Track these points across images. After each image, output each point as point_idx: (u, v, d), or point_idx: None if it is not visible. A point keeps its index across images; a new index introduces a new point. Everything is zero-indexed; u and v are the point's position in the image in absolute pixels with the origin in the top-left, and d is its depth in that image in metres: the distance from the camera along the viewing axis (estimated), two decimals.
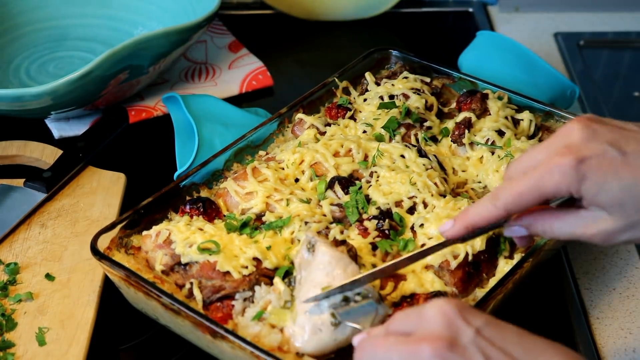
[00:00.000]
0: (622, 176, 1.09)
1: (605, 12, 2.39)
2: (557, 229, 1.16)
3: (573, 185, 1.09)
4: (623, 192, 1.09)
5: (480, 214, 1.17)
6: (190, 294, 1.33)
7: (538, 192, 1.11)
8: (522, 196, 1.12)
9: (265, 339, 1.25)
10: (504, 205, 1.14)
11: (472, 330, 1.01)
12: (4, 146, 1.75)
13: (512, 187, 1.13)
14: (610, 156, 1.09)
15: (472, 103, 1.67)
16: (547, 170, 1.10)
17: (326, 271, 1.24)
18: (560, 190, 1.10)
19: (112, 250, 1.40)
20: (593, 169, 1.09)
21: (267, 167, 1.51)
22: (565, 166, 1.09)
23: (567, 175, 1.09)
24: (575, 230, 1.15)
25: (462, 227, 1.19)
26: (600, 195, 1.10)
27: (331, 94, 1.77)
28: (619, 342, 1.46)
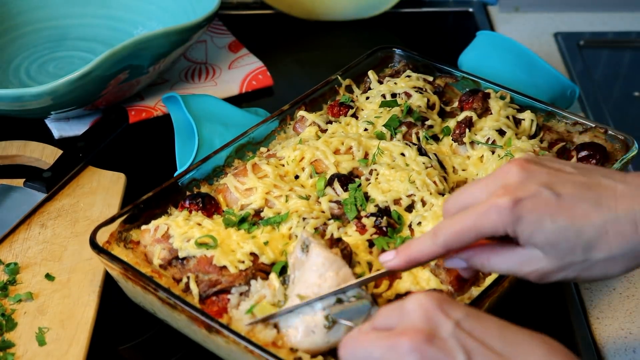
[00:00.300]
0: (556, 218, 1.11)
1: (605, 12, 2.39)
2: (495, 264, 1.18)
3: (509, 225, 1.11)
4: (557, 234, 1.11)
5: (421, 250, 1.18)
6: (187, 288, 1.34)
7: (476, 231, 1.13)
8: (461, 235, 1.14)
9: (259, 334, 1.26)
10: (444, 242, 1.16)
11: (452, 323, 1.01)
12: (4, 146, 1.75)
13: (451, 225, 1.15)
14: (545, 198, 1.11)
15: (474, 102, 1.68)
16: (485, 211, 1.12)
17: (319, 273, 1.25)
18: (497, 230, 1.12)
19: (112, 244, 1.40)
20: (528, 210, 1.11)
21: (267, 163, 1.52)
22: (501, 207, 1.11)
23: (503, 216, 1.11)
24: (511, 267, 1.17)
25: (404, 261, 1.20)
26: (534, 236, 1.12)
27: (334, 92, 1.77)
28: (619, 342, 1.46)
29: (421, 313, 1.02)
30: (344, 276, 1.24)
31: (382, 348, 1.01)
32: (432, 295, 1.04)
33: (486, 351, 1.00)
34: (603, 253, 1.11)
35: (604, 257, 1.12)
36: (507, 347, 1.01)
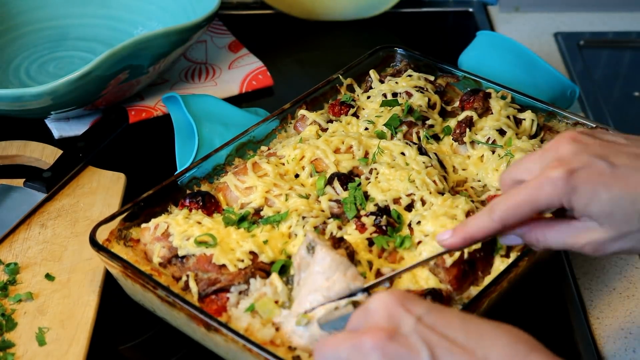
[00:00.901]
0: (611, 188, 1.12)
1: (605, 12, 2.39)
2: (550, 239, 1.19)
3: (564, 197, 1.13)
4: (612, 203, 1.12)
5: (478, 227, 1.19)
6: (186, 287, 1.34)
7: (532, 205, 1.15)
8: (517, 209, 1.16)
9: (258, 332, 1.26)
10: (500, 218, 1.17)
11: (413, 319, 1.02)
12: (4, 146, 1.75)
13: (507, 201, 1.17)
14: (599, 168, 1.13)
15: (475, 102, 1.68)
16: (540, 184, 1.14)
17: (326, 275, 1.24)
18: (552, 202, 1.14)
19: (112, 242, 1.41)
20: (583, 181, 1.12)
21: (268, 162, 1.52)
22: (556, 179, 1.12)
23: (558, 188, 1.12)
24: (567, 240, 1.17)
25: (461, 238, 1.21)
26: (590, 206, 1.12)
27: (335, 91, 1.77)
28: (619, 342, 1.46)
29: (383, 311, 1.04)
30: (352, 277, 1.24)
31: (348, 348, 1.03)
32: (394, 293, 1.05)
33: (449, 344, 1.01)
34: None
35: None
36: (470, 339, 1.02)
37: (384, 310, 1.04)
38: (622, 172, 1.12)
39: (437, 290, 1.32)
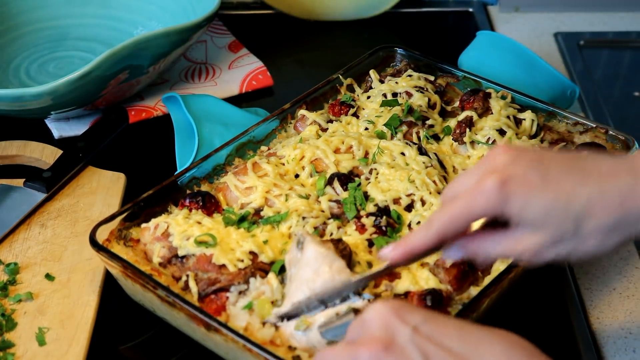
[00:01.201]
0: (543, 195, 1.12)
1: (605, 12, 2.39)
2: (490, 249, 1.18)
3: (498, 206, 1.13)
4: (545, 209, 1.12)
5: (418, 241, 1.19)
6: (186, 287, 1.34)
7: (467, 216, 1.15)
8: (453, 221, 1.16)
9: (258, 332, 1.26)
10: (437, 231, 1.17)
11: (409, 329, 1.03)
12: (4, 146, 1.75)
13: (443, 214, 1.17)
14: (531, 176, 1.13)
15: (475, 102, 1.68)
16: (473, 195, 1.14)
17: (313, 268, 1.26)
18: (486, 212, 1.14)
19: (111, 242, 1.41)
20: (515, 189, 1.12)
21: (268, 162, 1.52)
22: (489, 189, 1.13)
23: (491, 198, 1.13)
24: (505, 248, 1.17)
25: (401, 253, 1.21)
26: (524, 213, 1.13)
27: (335, 91, 1.77)
28: (619, 342, 1.46)
29: (379, 322, 1.04)
30: (338, 269, 1.25)
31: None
32: (389, 303, 1.05)
33: (445, 354, 1.01)
34: (592, 225, 1.12)
35: (593, 229, 1.13)
36: (466, 347, 1.02)
37: (379, 321, 1.04)
38: (555, 177, 1.13)
39: (437, 291, 1.32)
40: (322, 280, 1.24)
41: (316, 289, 1.24)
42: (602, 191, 1.12)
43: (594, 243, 1.14)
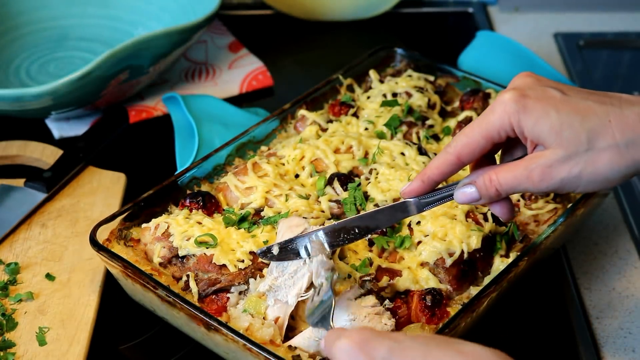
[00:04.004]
0: (561, 109, 1.14)
1: (605, 12, 2.39)
2: (501, 177, 1.18)
3: (514, 115, 1.15)
4: (561, 122, 1.13)
5: (435, 164, 1.21)
6: (186, 287, 1.35)
7: (484, 130, 1.17)
8: (469, 137, 1.18)
9: (258, 332, 1.26)
10: (455, 149, 1.19)
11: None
12: (4, 146, 1.75)
13: (461, 133, 1.20)
14: (550, 94, 1.16)
15: (475, 102, 1.68)
16: (491, 107, 1.17)
17: (281, 234, 1.31)
18: (503, 122, 1.16)
19: (112, 242, 1.41)
20: (533, 102, 1.15)
21: (268, 162, 1.52)
22: (507, 100, 1.16)
23: (509, 107, 1.15)
24: (517, 172, 1.17)
25: (419, 181, 1.23)
26: (539, 125, 1.14)
27: (335, 91, 1.77)
28: (619, 342, 1.46)
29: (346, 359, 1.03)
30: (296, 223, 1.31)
31: None
32: (354, 338, 1.04)
33: None
34: (607, 141, 1.13)
35: (607, 145, 1.13)
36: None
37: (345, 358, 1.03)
38: (574, 97, 1.15)
39: (437, 290, 1.32)
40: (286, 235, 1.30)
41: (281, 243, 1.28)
42: (621, 111, 1.13)
43: (605, 161, 1.13)
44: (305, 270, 1.27)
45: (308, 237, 1.28)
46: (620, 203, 1.74)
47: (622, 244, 1.65)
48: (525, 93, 1.15)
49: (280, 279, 1.28)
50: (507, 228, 1.43)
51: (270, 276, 1.29)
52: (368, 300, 1.26)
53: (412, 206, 1.27)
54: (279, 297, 1.28)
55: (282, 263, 1.28)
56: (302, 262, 1.28)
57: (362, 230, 1.29)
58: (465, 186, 1.21)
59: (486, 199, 1.21)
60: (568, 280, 1.57)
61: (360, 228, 1.29)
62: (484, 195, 1.20)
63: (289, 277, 1.28)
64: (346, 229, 1.29)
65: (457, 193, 1.23)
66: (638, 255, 1.63)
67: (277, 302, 1.28)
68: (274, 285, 1.28)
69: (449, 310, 1.32)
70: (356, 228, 1.29)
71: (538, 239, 1.39)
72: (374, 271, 1.34)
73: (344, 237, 1.29)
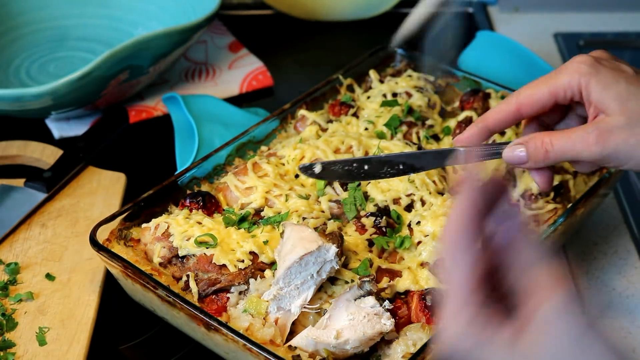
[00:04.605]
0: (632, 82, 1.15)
1: (605, 13, 2.39)
2: (556, 142, 1.18)
3: (585, 77, 1.15)
4: (629, 92, 1.14)
5: (494, 112, 1.21)
6: (186, 287, 1.35)
7: (552, 85, 1.17)
8: (534, 89, 1.18)
9: (258, 332, 1.27)
10: (517, 99, 1.19)
11: None
12: (4, 146, 1.75)
13: (527, 85, 1.20)
14: (623, 68, 1.17)
15: (475, 102, 1.68)
16: (563, 67, 1.18)
17: (290, 242, 1.28)
18: (572, 81, 1.16)
19: (112, 242, 1.41)
20: (607, 69, 1.16)
21: (268, 162, 1.52)
22: (581, 62, 1.16)
23: (582, 68, 1.16)
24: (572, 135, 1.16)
25: (475, 127, 1.22)
26: (607, 90, 1.15)
27: (335, 91, 1.77)
28: (619, 342, 1.46)
29: None
30: (309, 238, 1.27)
31: None
32: None
33: None
34: None
35: None
36: None
37: None
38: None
39: (437, 290, 1.32)
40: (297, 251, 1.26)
41: (292, 257, 1.26)
42: None
43: None
44: (312, 283, 1.27)
45: None
46: (620, 203, 1.74)
47: (622, 244, 1.65)
48: (600, 60, 1.17)
49: (286, 289, 1.27)
50: None
51: (276, 286, 1.28)
52: (367, 301, 1.26)
53: (460, 155, 1.26)
54: (282, 305, 1.28)
55: (290, 275, 1.27)
56: (309, 275, 1.28)
57: (407, 168, 1.29)
58: (515, 146, 1.21)
59: (533, 162, 1.20)
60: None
61: (405, 165, 1.29)
62: (532, 157, 1.20)
63: (295, 287, 1.27)
64: (391, 164, 1.29)
65: (506, 152, 1.22)
66: (638, 256, 1.63)
67: (279, 309, 1.28)
68: (278, 294, 1.28)
69: None
70: (401, 164, 1.29)
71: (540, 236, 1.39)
72: (373, 272, 1.34)
73: (386, 170, 1.29)
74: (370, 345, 1.26)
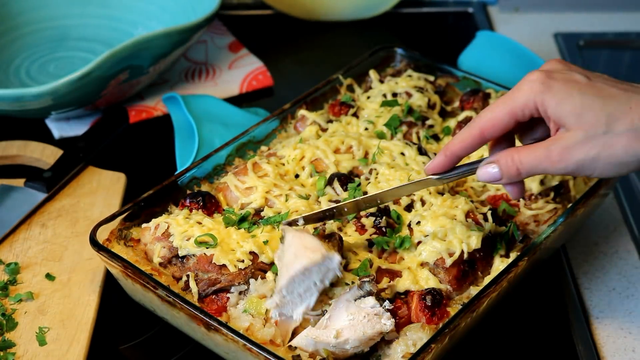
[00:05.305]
0: (584, 92, 1.17)
1: (605, 12, 2.39)
2: (523, 157, 1.21)
3: (539, 95, 1.18)
4: (582, 104, 1.17)
5: (459, 139, 1.24)
6: (186, 287, 1.35)
7: (509, 107, 1.20)
8: (494, 114, 1.21)
9: (258, 332, 1.27)
10: (479, 124, 1.22)
11: None
12: (4, 146, 1.75)
13: (487, 108, 1.22)
14: (576, 78, 1.19)
15: (475, 102, 1.68)
16: (517, 86, 1.21)
17: (293, 251, 1.27)
18: (527, 101, 1.19)
19: (112, 242, 1.41)
20: (559, 83, 1.18)
21: (268, 162, 1.52)
22: (534, 79, 1.19)
23: (535, 86, 1.18)
24: (539, 153, 1.20)
25: (442, 155, 1.26)
26: (562, 105, 1.17)
27: (335, 91, 1.77)
28: (619, 342, 1.46)
29: None
30: (312, 248, 1.27)
31: None
32: None
33: None
34: (625, 125, 1.16)
35: (626, 129, 1.16)
36: None
37: None
38: (600, 84, 1.19)
39: (437, 290, 1.32)
40: (300, 261, 1.26)
41: (297, 267, 1.26)
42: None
43: (622, 145, 1.16)
44: (315, 291, 1.27)
45: None
46: (620, 203, 1.74)
47: (622, 244, 1.65)
48: (552, 75, 1.19)
49: (289, 297, 1.27)
50: (507, 228, 1.43)
51: (279, 295, 1.27)
52: (367, 301, 1.26)
53: (433, 182, 1.31)
54: (285, 312, 1.28)
55: (293, 284, 1.27)
56: (313, 283, 1.27)
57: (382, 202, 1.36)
58: (487, 164, 1.24)
59: (506, 178, 1.24)
60: (568, 280, 1.57)
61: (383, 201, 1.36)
62: (505, 174, 1.23)
63: (298, 295, 1.27)
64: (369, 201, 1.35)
65: (480, 171, 1.25)
66: (638, 256, 1.63)
67: (281, 315, 1.28)
68: (281, 302, 1.28)
69: (449, 310, 1.32)
70: (378, 199, 1.35)
71: (538, 239, 1.39)
72: (373, 272, 1.34)
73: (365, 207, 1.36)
74: (370, 345, 1.26)
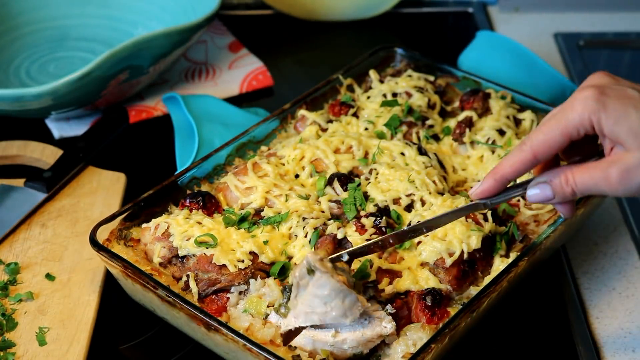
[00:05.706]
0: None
1: (605, 12, 2.39)
2: (578, 177, 1.17)
3: (594, 115, 1.13)
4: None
5: (509, 162, 1.19)
6: (186, 287, 1.35)
7: (563, 127, 1.15)
8: (547, 134, 1.16)
9: (258, 332, 1.27)
10: (531, 146, 1.17)
11: None
12: (4, 146, 1.75)
13: (537, 130, 1.17)
14: (630, 93, 1.15)
15: (474, 102, 1.68)
16: (570, 104, 1.15)
17: (325, 301, 1.23)
18: (582, 120, 1.14)
19: (112, 242, 1.41)
20: (614, 100, 1.13)
21: (268, 162, 1.52)
22: (587, 97, 1.14)
23: (588, 104, 1.13)
24: (594, 173, 1.15)
25: (491, 179, 1.21)
26: (619, 124, 1.12)
27: (335, 91, 1.77)
28: (619, 342, 1.46)
29: None
30: (349, 304, 1.23)
31: None
32: None
33: None
34: None
35: None
36: None
37: None
38: None
39: (437, 290, 1.32)
40: (335, 314, 1.23)
41: (327, 321, 1.24)
42: None
43: None
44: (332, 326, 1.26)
45: None
46: (620, 203, 1.74)
47: (622, 244, 1.65)
48: (604, 91, 1.14)
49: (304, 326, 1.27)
50: (507, 228, 1.43)
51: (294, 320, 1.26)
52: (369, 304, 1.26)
53: (482, 206, 1.27)
54: (288, 322, 1.28)
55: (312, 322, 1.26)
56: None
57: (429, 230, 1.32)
58: (539, 185, 1.20)
59: (560, 198, 1.20)
60: (568, 280, 1.57)
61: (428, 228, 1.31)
62: (559, 195, 1.19)
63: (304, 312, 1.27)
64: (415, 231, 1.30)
65: (530, 192, 1.21)
66: (638, 256, 1.63)
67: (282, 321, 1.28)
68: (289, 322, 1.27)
69: (449, 310, 1.32)
70: (424, 228, 1.30)
71: (538, 239, 1.39)
72: (374, 273, 1.34)
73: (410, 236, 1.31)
74: (369, 347, 1.26)
